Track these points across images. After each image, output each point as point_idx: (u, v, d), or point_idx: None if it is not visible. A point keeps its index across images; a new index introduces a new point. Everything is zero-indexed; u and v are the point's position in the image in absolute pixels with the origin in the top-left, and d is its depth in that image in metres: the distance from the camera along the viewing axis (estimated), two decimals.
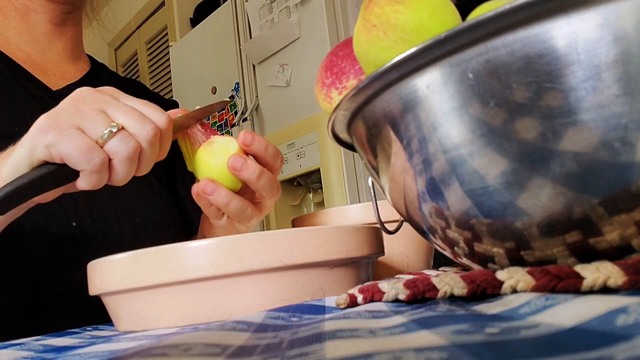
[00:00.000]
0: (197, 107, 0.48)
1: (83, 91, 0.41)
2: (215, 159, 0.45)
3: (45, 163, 0.38)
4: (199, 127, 0.48)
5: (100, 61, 0.77)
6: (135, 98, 0.42)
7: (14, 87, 0.60)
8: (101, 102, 0.40)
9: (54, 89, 0.64)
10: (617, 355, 0.12)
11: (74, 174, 0.39)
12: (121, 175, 0.40)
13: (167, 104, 0.81)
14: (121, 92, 0.43)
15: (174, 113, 0.46)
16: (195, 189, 0.46)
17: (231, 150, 0.46)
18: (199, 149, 0.47)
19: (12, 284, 0.55)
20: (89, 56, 0.74)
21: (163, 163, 0.47)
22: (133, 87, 0.78)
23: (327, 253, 0.34)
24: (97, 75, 0.72)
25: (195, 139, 0.48)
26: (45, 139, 0.37)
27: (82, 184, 0.39)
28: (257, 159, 0.48)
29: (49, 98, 0.63)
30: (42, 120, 0.38)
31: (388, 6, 0.29)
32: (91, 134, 0.38)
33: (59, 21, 0.66)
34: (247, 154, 0.47)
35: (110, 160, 0.39)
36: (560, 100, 0.21)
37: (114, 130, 0.38)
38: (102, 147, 0.38)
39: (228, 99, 0.53)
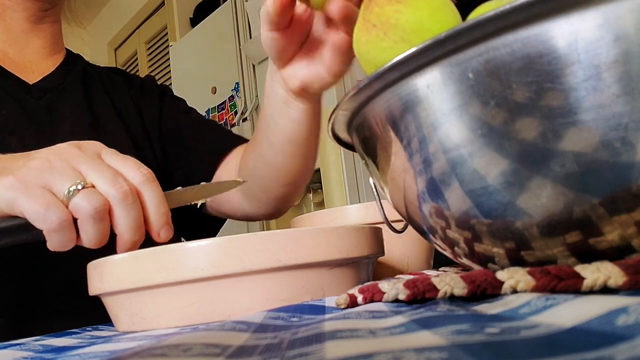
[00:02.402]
0: (203, 184, 0.44)
1: (62, 147, 0.39)
2: None
3: (15, 217, 0.37)
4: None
5: (76, 52, 0.76)
6: (118, 154, 0.40)
7: None
8: (76, 159, 0.38)
9: (30, 83, 0.64)
10: (618, 355, 0.12)
11: (40, 233, 0.37)
12: (88, 235, 0.37)
13: (143, 81, 0.78)
14: (105, 147, 0.41)
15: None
16: None
17: None
18: None
19: (6, 281, 0.55)
20: (67, 50, 0.74)
21: (152, 140, 0.45)
22: (111, 74, 0.76)
23: (327, 253, 0.34)
24: (71, 64, 0.71)
25: None
26: (8, 194, 0.36)
27: (50, 244, 0.37)
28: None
29: (25, 93, 0.63)
30: (11, 178, 0.36)
31: (388, 6, 0.29)
32: (56, 191, 0.36)
33: (36, 19, 0.66)
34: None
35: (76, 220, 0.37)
36: (561, 100, 0.21)
37: (79, 187, 0.36)
38: (67, 206, 0.36)
39: (240, 180, 0.46)
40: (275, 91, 0.50)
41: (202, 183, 0.45)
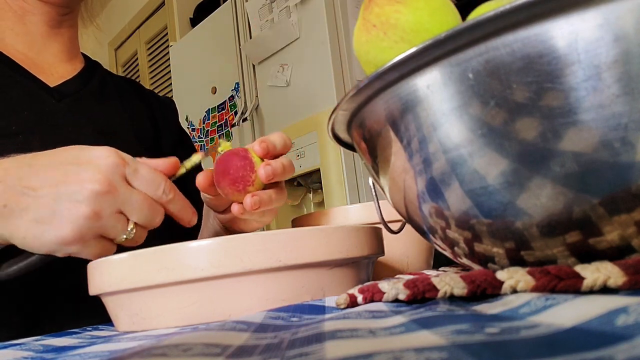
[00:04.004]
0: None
1: (97, 190, 0.40)
2: None
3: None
4: None
5: (95, 59, 0.77)
6: (140, 173, 0.43)
7: (11, 86, 0.60)
8: (117, 201, 0.41)
9: (51, 86, 0.64)
10: (617, 355, 0.12)
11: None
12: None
13: (162, 102, 0.82)
14: (127, 165, 0.42)
15: (168, 165, 0.46)
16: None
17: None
18: None
19: (16, 280, 0.55)
20: (84, 55, 0.75)
21: (164, 154, 0.48)
22: (126, 85, 0.77)
23: (327, 253, 0.34)
24: (91, 73, 0.72)
25: None
26: (69, 249, 0.41)
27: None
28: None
29: (46, 94, 0.63)
30: (67, 233, 0.39)
31: (388, 6, 0.29)
32: (111, 236, 0.42)
33: (55, 23, 0.67)
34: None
35: None
36: (561, 100, 0.21)
37: (131, 236, 0.42)
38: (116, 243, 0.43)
39: (203, 153, 0.54)
40: (209, 218, 0.61)
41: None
